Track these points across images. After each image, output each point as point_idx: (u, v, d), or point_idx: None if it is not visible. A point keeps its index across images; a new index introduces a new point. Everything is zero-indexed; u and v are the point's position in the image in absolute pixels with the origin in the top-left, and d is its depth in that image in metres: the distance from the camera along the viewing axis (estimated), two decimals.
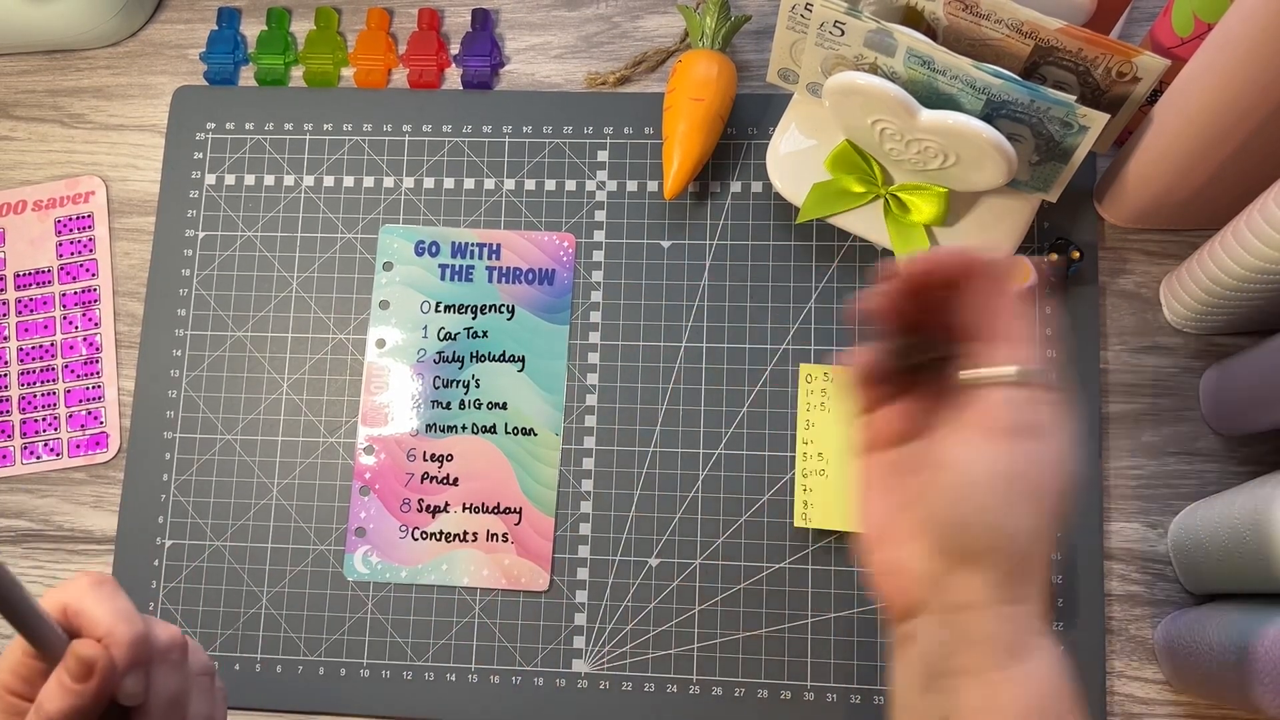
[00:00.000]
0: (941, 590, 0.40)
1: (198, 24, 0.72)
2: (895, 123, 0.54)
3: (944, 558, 0.40)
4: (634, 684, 0.60)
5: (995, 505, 0.38)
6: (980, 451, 0.39)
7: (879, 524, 0.43)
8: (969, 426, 0.39)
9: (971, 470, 0.39)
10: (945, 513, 0.39)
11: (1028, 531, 0.39)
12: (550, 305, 0.65)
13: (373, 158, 0.68)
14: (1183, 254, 0.61)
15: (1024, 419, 0.39)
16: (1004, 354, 0.39)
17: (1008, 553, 0.39)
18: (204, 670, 0.43)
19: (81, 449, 0.66)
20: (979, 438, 0.39)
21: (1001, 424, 0.39)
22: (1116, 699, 0.58)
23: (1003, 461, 0.38)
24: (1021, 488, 0.38)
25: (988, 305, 0.39)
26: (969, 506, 0.39)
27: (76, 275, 0.68)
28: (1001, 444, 0.39)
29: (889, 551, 0.42)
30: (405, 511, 0.63)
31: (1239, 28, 0.46)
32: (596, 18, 0.70)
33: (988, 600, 0.39)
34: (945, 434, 0.40)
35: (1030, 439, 0.39)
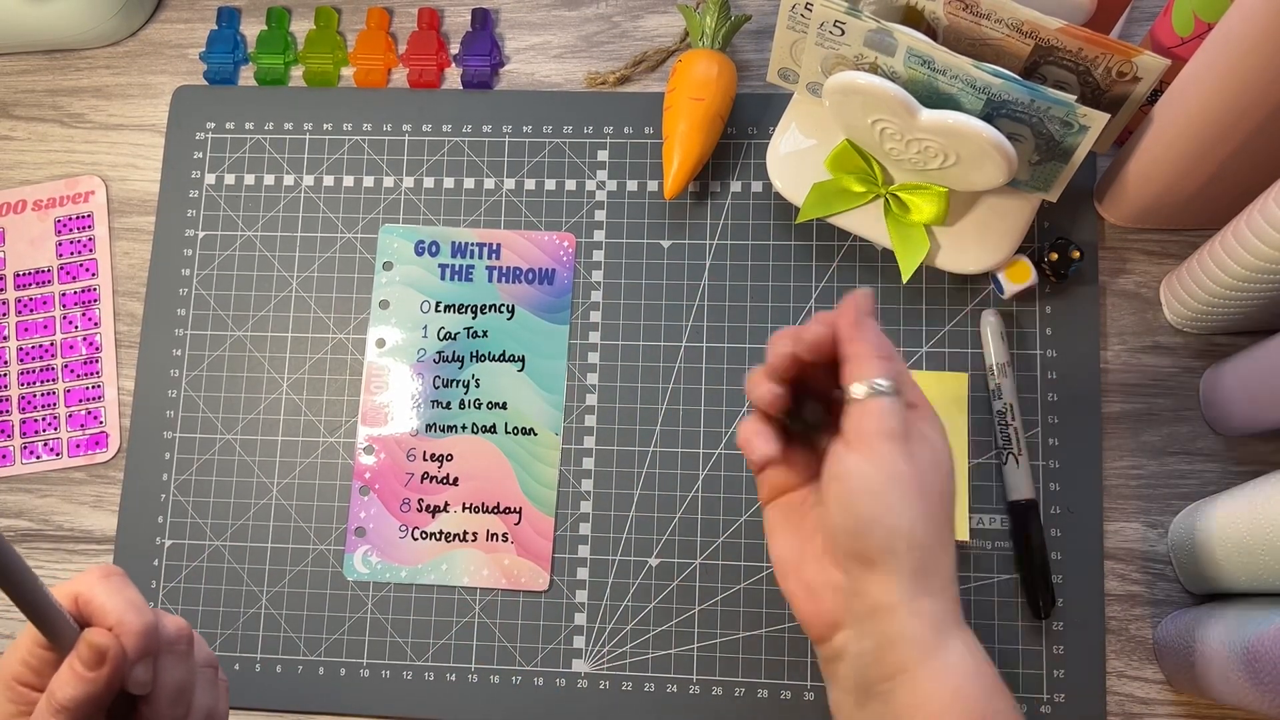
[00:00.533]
0: (855, 601, 0.43)
1: (197, 24, 0.72)
2: (895, 122, 0.54)
3: (851, 566, 0.43)
4: (634, 684, 0.60)
5: (885, 506, 0.42)
6: (864, 458, 0.42)
7: (787, 556, 0.46)
8: (852, 439, 0.43)
9: (859, 477, 0.42)
10: (842, 522, 0.43)
11: (921, 527, 0.42)
12: (550, 305, 0.65)
13: (373, 157, 0.68)
14: (1183, 254, 0.61)
15: (899, 424, 0.43)
16: (874, 369, 0.43)
17: (907, 550, 0.41)
18: (208, 662, 0.44)
19: (81, 449, 0.66)
20: (862, 446, 0.43)
21: (880, 430, 0.42)
22: (1116, 699, 0.58)
23: (885, 464, 0.42)
24: (906, 487, 0.42)
25: (852, 331, 0.44)
26: (861, 510, 0.42)
27: (76, 275, 0.68)
28: (882, 448, 0.42)
29: (800, 576, 0.46)
30: (405, 511, 0.63)
31: (1239, 27, 0.46)
32: (596, 17, 0.70)
33: (899, 600, 0.41)
34: (833, 453, 0.44)
35: (907, 441, 0.43)
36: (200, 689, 0.43)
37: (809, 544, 0.46)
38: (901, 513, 0.41)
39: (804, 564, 0.45)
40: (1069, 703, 0.58)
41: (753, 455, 0.45)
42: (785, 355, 0.45)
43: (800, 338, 0.45)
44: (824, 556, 0.45)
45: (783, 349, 0.45)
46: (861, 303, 0.45)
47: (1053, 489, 0.60)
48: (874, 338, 0.44)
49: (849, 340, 0.44)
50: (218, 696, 0.44)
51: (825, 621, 0.44)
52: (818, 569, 0.45)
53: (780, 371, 0.46)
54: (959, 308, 0.63)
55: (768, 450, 0.45)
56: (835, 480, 0.43)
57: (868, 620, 0.42)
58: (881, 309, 0.63)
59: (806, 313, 0.63)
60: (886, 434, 0.42)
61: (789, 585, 0.46)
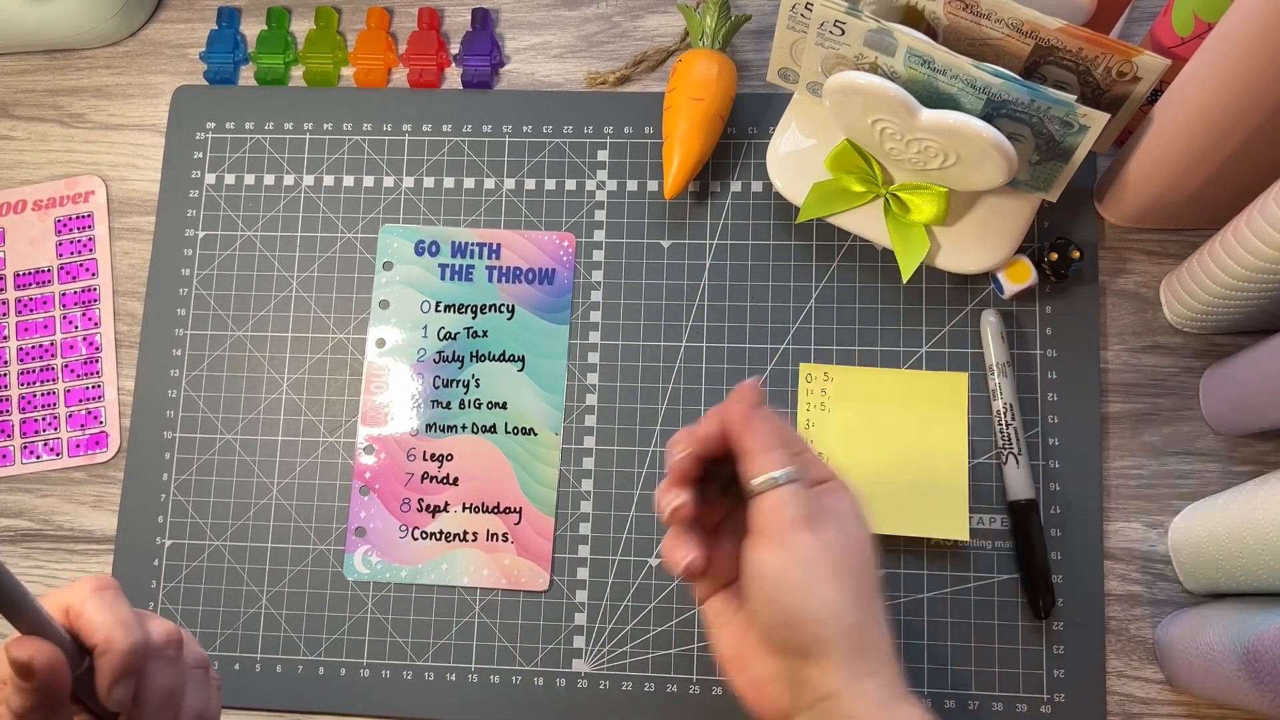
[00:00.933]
0: (799, 691, 0.43)
1: (198, 23, 0.72)
2: (895, 122, 0.54)
3: (788, 659, 0.43)
4: (634, 684, 0.60)
5: (806, 595, 0.42)
6: (775, 553, 0.42)
7: (730, 653, 0.46)
8: (760, 535, 0.43)
9: (774, 572, 0.42)
10: (769, 618, 0.43)
11: (848, 609, 0.42)
12: (550, 305, 0.65)
13: (373, 157, 0.68)
14: (1183, 254, 0.61)
15: (802, 511, 0.42)
16: (768, 462, 0.43)
17: (838, 634, 0.41)
18: (198, 663, 0.44)
19: (81, 449, 0.66)
20: (771, 541, 0.43)
21: (784, 521, 0.42)
22: (1116, 699, 0.58)
23: (797, 554, 0.42)
24: (823, 571, 0.42)
25: (742, 427, 0.44)
26: (784, 604, 0.42)
27: (76, 275, 0.68)
28: (791, 539, 0.42)
29: (744, 671, 0.45)
30: (405, 511, 0.63)
31: (1239, 27, 0.46)
32: (596, 17, 0.70)
33: (840, 685, 0.41)
34: (746, 552, 0.44)
35: (815, 525, 0.42)
36: (190, 691, 0.43)
37: (747, 638, 0.45)
38: (825, 599, 0.41)
39: (746, 658, 0.45)
40: (1069, 703, 0.58)
41: (678, 569, 0.45)
42: (686, 459, 0.45)
43: (695, 437, 0.45)
44: (762, 650, 0.45)
45: (680, 455, 0.45)
46: (749, 395, 0.45)
47: (1053, 489, 0.60)
48: (765, 429, 0.44)
49: (740, 436, 0.44)
50: (209, 696, 0.44)
51: (776, 712, 0.44)
52: (759, 662, 0.45)
53: (685, 476, 0.45)
54: (959, 308, 0.63)
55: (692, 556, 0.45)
56: (754, 579, 0.43)
57: (816, 708, 0.42)
58: (881, 309, 0.63)
59: (806, 313, 0.63)
60: (791, 524, 0.42)
61: (736, 680, 0.46)
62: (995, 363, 0.60)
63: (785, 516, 0.42)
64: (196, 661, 0.44)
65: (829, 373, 0.62)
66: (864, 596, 0.42)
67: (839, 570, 0.42)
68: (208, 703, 0.44)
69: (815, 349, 0.63)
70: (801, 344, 0.63)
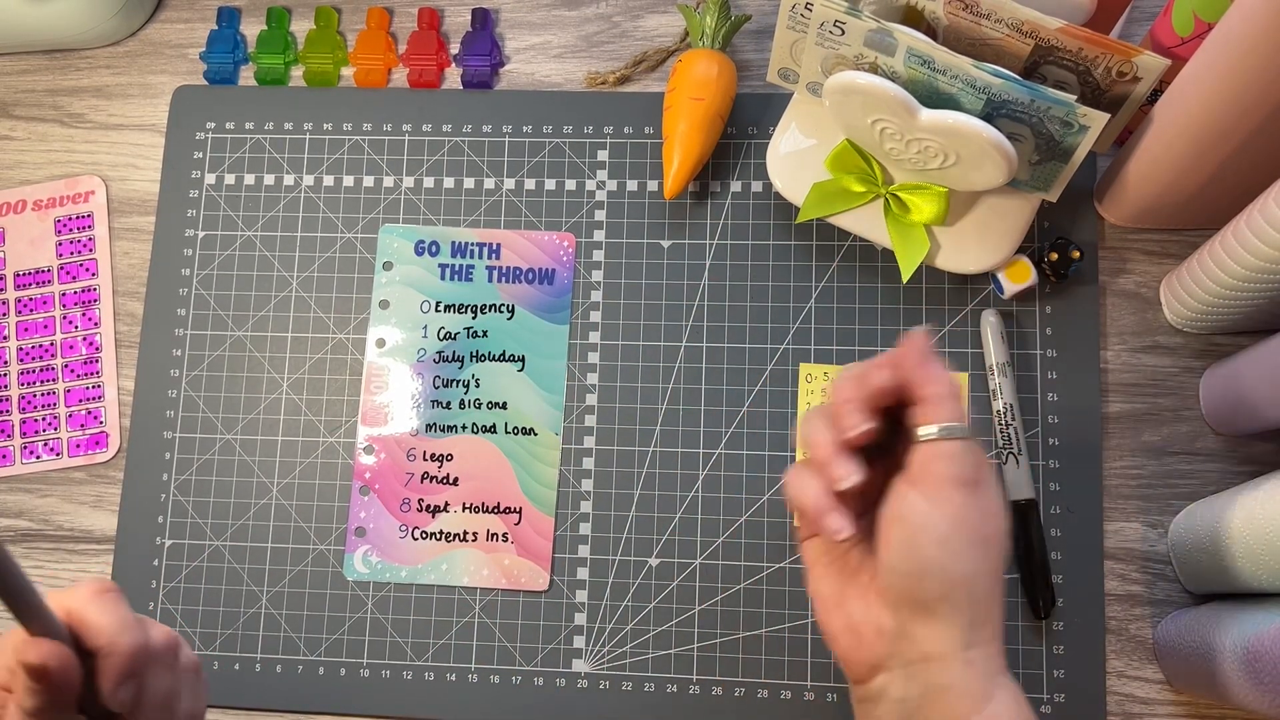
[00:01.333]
0: (904, 645, 0.42)
1: (197, 23, 0.72)
2: (895, 122, 0.54)
3: (904, 610, 0.42)
4: (634, 684, 0.60)
5: (949, 553, 0.41)
6: (932, 502, 0.41)
7: (829, 593, 0.45)
8: (919, 481, 0.42)
9: (923, 521, 0.41)
10: (901, 564, 0.42)
11: (979, 576, 0.41)
12: (550, 305, 0.65)
13: (373, 157, 0.68)
14: (1183, 254, 0.61)
15: (967, 471, 0.41)
16: (949, 411, 0.42)
17: (964, 599, 0.41)
18: (190, 666, 0.45)
19: (81, 449, 0.66)
20: (930, 490, 0.41)
21: (951, 475, 0.41)
22: (1116, 699, 0.58)
23: (951, 511, 0.41)
24: (969, 534, 0.41)
25: (923, 372, 0.42)
26: (924, 556, 0.41)
27: (76, 275, 0.68)
28: (951, 493, 0.41)
29: (842, 614, 0.44)
30: (405, 511, 0.63)
31: (1239, 27, 0.46)
32: (596, 17, 0.70)
33: (951, 649, 0.41)
34: (896, 494, 0.42)
35: (973, 489, 0.41)
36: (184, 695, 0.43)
37: (852, 581, 0.44)
38: (965, 562, 0.41)
39: (846, 602, 0.44)
40: (1069, 703, 0.58)
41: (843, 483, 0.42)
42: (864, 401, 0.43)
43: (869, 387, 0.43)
44: (870, 595, 0.44)
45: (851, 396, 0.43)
46: (923, 342, 0.43)
47: (1053, 489, 0.60)
48: (945, 379, 0.42)
49: (919, 383, 0.42)
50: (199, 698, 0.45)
51: (866, 662, 0.43)
52: (862, 608, 0.44)
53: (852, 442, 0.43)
54: (959, 308, 0.63)
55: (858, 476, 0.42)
56: (898, 522, 0.42)
57: (916, 666, 0.42)
58: (881, 309, 0.63)
59: (806, 313, 0.63)
60: (957, 479, 0.41)
61: (830, 623, 0.45)
62: (995, 363, 0.60)
63: (951, 469, 0.41)
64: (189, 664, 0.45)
65: (829, 373, 0.62)
66: (995, 570, 0.42)
67: (984, 538, 0.41)
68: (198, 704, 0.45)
69: (815, 349, 0.63)
70: (801, 344, 0.63)
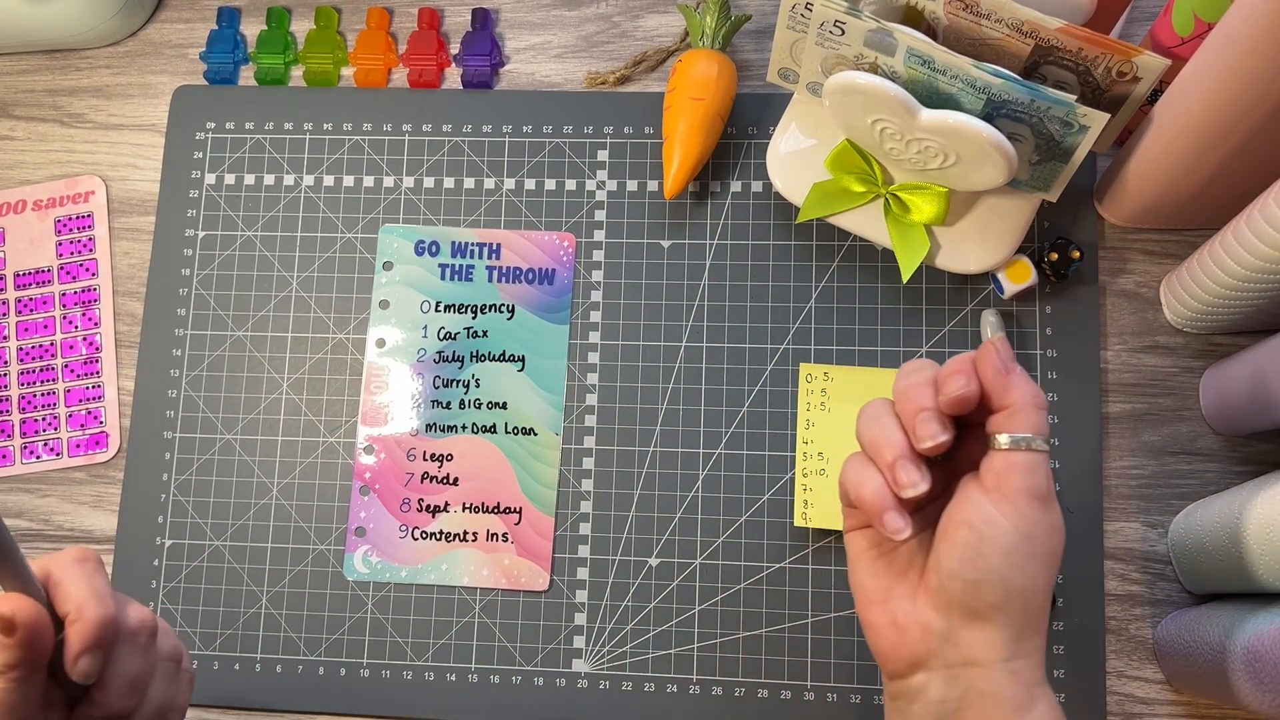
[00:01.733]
0: (949, 648, 0.42)
1: (198, 23, 0.72)
2: (895, 122, 0.54)
3: (955, 614, 0.42)
4: (634, 684, 0.60)
5: (1013, 565, 0.41)
6: (1004, 513, 0.41)
7: (873, 587, 0.45)
8: (994, 490, 0.41)
9: (993, 532, 0.41)
10: (961, 570, 0.41)
11: (1037, 590, 0.41)
12: (550, 305, 0.65)
13: (373, 157, 0.68)
14: (1183, 254, 0.61)
15: (1042, 485, 0.41)
16: (1031, 422, 0.41)
17: (1018, 610, 0.41)
18: (172, 655, 0.44)
19: (81, 449, 0.66)
20: (1003, 500, 0.41)
21: (1026, 488, 0.41)
22: (1116, 699, 0.58)
23: (1021, 524, 0.41)
24: (1033, 549, 0.41)
25: (1005, 380, 0.42)
26: (989, 565, 0.41)
27: (76, 275, 0.68)
28: (1024, 506, 0.41)
29: (886, 609, 0.44)
30: (405, 511, 0.63)
31: (1239, 27, 0.46)
32: (596, 17, 0.70)
33: (997, 656, 0.41)
34: (967, 498, 0.42)
35: (1045, 504, 0.41)
36: (157, 682, 0.43)
37: (901, 578, 0.44)
38: (1026, 576, 0.41)
39: (892, 598, 0.44)
40: (1069, 703, 0.58)
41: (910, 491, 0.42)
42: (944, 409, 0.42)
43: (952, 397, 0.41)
44: (919, 593, 0.43)
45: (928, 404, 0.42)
46: (1005, 350, 0.42)
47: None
48: (1031, 389, 0.42)
49: (1003, 390, 0.41)
50: (177, 690, 0.44)
51: (907, 659, 0.43)
52: (909, 605, 0.43)
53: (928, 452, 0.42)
54: (959, 308, 0.63)
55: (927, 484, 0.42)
56: (965, 527, 0.41)
57: (959, 669, 0.42)
58: (881, 309, 0.63)
59: (806, 313, 0.63)
60: (1032, 493, 0.41)
61: (872, 616, 0.44)
62: None
63: (1028, 482, 0.41)
64: (170, 653, 0.44)
65: (829, 373, 0.62)
66: (1051, 584, 0.42)
67: (1048, 553, 0.41)
68: (174, 696, 0.44)
69: (815, 349, 0.63)
70: (801, 344, 0.63)
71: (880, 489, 0.42)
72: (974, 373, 0.42)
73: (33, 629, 0.38)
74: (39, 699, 0.40)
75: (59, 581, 0.40)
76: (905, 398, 0.43)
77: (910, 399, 0.43)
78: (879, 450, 0.43)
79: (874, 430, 0.43)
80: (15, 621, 0.37)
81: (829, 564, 0.60)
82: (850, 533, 0.46)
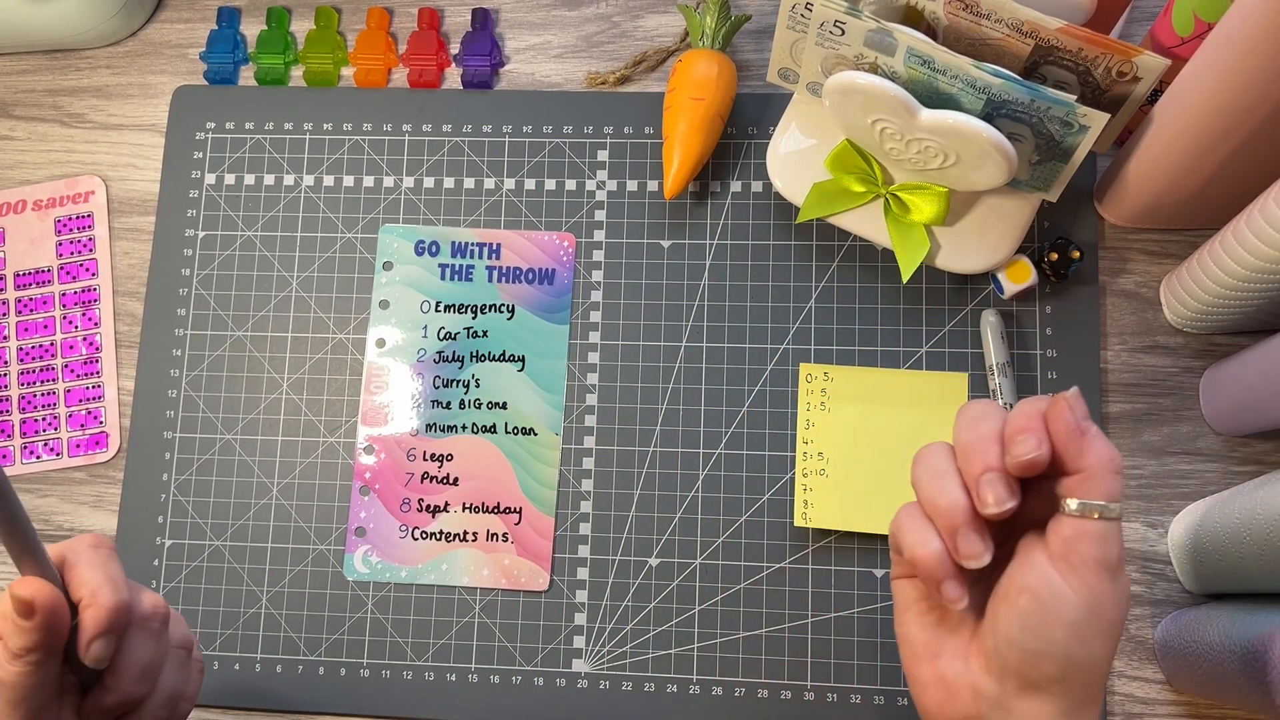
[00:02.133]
0: (1002, 714, 0.40)
1: (198, 23, 0.72)
2: (895, 122, 0.54)
3: (1010, 682, 0.40)
4: (634, 684, 0.60)
5: (1077, 638, 0.38)
6: (1071, 584, 0.38)
7: (923, 641, 0.43)
8: (1062, 558, 0.39)
9: (1057, 603, 0.38)
10: (1021, 639, 0.39)
11: (1099, 664, 0.39)
12: (550, 305, 0.65)
13: (373, 157, 0.68)
14: (1183, 254, 0.61)
15: (1111, 555, 0.38)
16: (1107, 489, 0.38)
17: (1077, 684, 0.39)
18: (182, 643, 0.45)
19: (81, 449, 0.66)
20: (1070, 571, 0.38)
21: (1096, 559, 0.38)
22: (1116, 699, 0.58)
23: (1089, 596, 0.38)
24: (1099, 623, 0.38)
25: (1081, 442, 0.39)
26: (1051, 637, 0.38)
27: (76, 275, 0.68)
28: (1092, 578, 0.38)
29: (936, 666, 0.42)
30: (405, 511, 0.63)
31: (1239, 27, 0.46)
32: (596, 17, 0.70)
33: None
34: (1030, 563, 0.39)
35: (1113, 575, 0.39)
36: (169, 670, 0.43)
37: (953, 635, 0.42)
38: (1090, 650, 0.39)
39: (942, 656, 0.42)
40: None
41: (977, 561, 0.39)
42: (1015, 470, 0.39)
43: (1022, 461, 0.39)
44: (971, 654, 0.41)
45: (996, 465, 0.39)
46: (1079, 407, 0.39)
47: None
48: (1108, 453, 0.38)
49: (1078, 454, 0.38)
50: (187, 679, 0.45)
51: (951, 714, 0.42)
52: (961, 665, 0.41)
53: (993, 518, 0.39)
54: (959, 308, 0.63)
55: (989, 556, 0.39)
56: (1028, 594, 0.39)
57: None
58: (881, 309, 0.63)
59: (806, 313, 0.63)
60: (1102, 564, 0.38)
61: (919, 672, 0.43)
62: (995, 363, 0.60)
63: (1099, 552, 0.38)
64: (181, 641, 0.44)
65: (829, 373, 0.62)
66: (1112, 655, 0.40)
67: (1113, 626, 0.39)
68: (185, 684, 0.45)
69: (815, 349, 0.63)
70: (801, 344, 0.63)
71: (939, 554, 0.40)
72: (1045, 432, 0.39)
73: (51, 613, 0.38)
74: (54, 684, 0.40)
75: (73, 566, 0.40)
76: (968, 455, 0.40)
77: (975, 456, 0.40)
78: (939, 512, 0.40)
79: (935, 488, 0.40)
80: (35, 605, 0.37)
81: (829, 564, 0.60)
82: (897, 580, 0.44)
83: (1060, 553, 0.39)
